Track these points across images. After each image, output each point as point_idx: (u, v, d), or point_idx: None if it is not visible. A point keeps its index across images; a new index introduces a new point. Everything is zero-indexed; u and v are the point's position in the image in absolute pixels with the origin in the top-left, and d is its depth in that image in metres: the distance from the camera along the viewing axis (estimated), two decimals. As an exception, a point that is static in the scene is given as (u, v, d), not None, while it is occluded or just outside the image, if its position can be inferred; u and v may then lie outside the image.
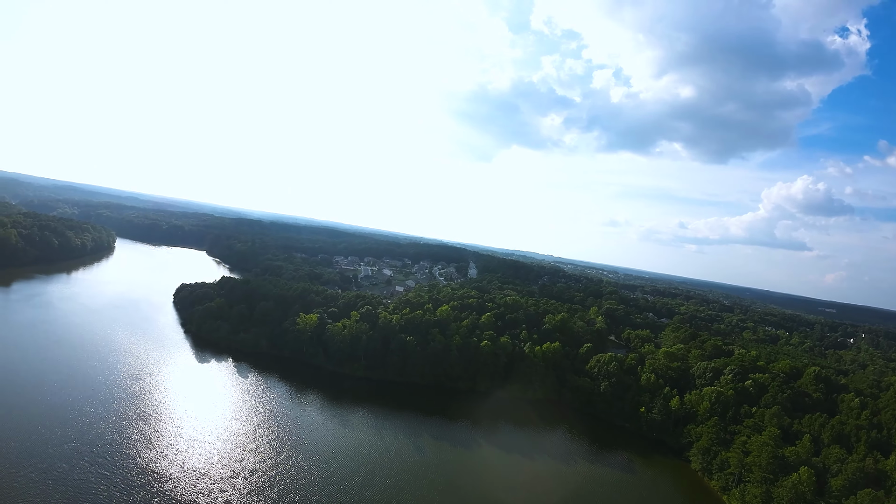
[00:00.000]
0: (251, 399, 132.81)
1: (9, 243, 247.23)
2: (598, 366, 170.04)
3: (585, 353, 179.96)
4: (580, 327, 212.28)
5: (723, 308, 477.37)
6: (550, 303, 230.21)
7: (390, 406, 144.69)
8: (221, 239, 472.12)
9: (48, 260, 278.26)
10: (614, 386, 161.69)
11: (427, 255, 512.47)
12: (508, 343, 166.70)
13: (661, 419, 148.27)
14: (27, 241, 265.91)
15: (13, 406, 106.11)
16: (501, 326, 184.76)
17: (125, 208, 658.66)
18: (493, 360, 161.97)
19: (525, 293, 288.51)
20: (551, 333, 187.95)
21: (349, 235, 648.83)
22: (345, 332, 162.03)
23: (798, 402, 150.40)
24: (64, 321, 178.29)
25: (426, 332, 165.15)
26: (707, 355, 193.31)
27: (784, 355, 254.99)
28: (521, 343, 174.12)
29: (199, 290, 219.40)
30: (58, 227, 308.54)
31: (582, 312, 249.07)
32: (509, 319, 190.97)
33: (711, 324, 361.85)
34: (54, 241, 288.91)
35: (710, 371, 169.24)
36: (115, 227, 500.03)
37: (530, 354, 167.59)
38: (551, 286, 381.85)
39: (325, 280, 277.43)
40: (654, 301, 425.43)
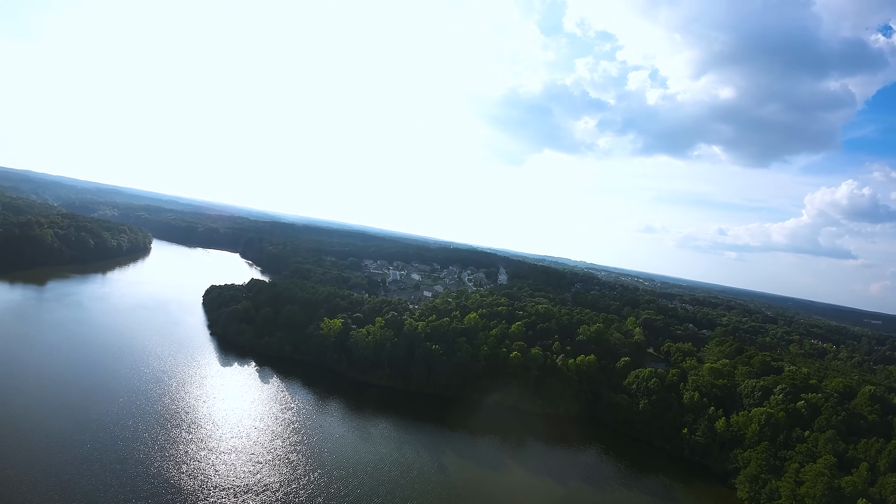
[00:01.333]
0: (271, 406, 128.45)
1: (44, 243, 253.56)
2: (637, 382, 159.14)
3: (623, 368, 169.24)
4: (617, 339, 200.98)
5: (766, 319, 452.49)
6: (585, 312, 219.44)
7: (413, 418, 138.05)
8: (254, 242, 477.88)
9: (84, 260, 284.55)
10: (654, 404, 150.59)
11: (456, 259, 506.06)
12: (540, 355, 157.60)
13: (704, 442, 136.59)
14: (63, 241, 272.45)
15: (32, 405, 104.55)
16: (532, 337, 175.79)
17: (164, 211, 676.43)
18: (522, 372, 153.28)
19: (557, 301, 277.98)
20: (586, 345, 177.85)
21: (379, 239, 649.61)
22: (369, 339, 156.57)
23: (853, 424, 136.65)
24: (93, 321, 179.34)
25: (453, 341, 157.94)
26: (755, 372, 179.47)
27: (834, 371, 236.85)
28: (554, 355, 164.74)
29: (227, 293, 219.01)
30: (94, 228, 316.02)
31: (618, 323, 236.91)
32: (541, 329, 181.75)
33: (755, 336, 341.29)
34: (90, 241, 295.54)
35: (758, 390, 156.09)
36: (152, 229, 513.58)
37: (563, 367, 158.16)
38: (585, 294, 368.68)
39: (353, 284, 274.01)
40: (693, 311, 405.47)
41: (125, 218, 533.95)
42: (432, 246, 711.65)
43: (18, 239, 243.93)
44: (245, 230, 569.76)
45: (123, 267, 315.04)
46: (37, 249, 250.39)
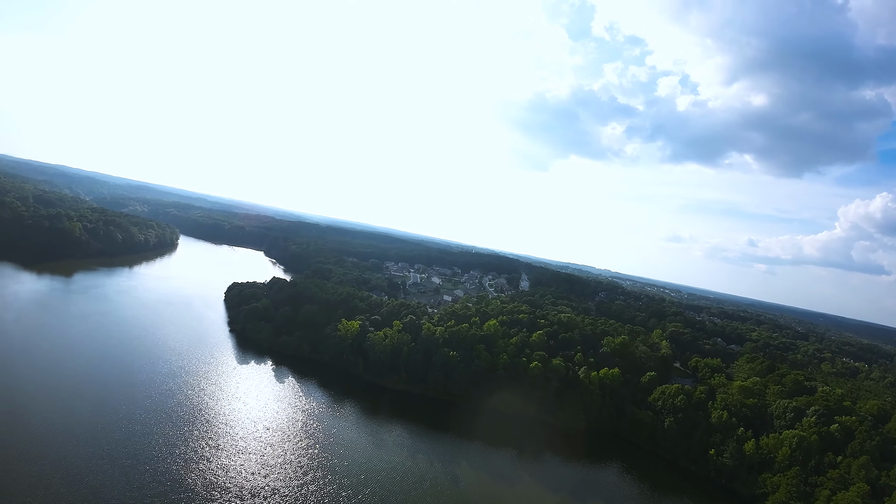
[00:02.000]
0: (285, 407, 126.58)
1: (73, 236, 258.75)
2: (663, 398, 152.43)
3: (648, 383, 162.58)
4: (643, 352, 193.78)
5: (797, 335, 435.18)
6: (609, 323, 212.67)
7: (428, 425, 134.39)
8: (279, 241, 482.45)
9: (111, 253, 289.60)
10: (680, 422, 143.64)
11: (478, 264, 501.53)
12: (561, 366, 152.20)
13: (732, 464, 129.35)
14: (92, 234, 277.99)
15: (46, 396, 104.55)
16: (554, 347, 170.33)
17: (192, 208, 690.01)
18: (543, 383, 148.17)
19: (580, 310, 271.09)
20: (610, 358, 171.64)
21: (401, 241, 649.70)
22: (386, 342, 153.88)
23: (886, 449, 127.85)
24: (116, 314, 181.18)
25: (471, 348, 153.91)
26: (787, 392, 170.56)
27: (867, 392, 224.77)
28: (576, 367, 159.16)
29: (248, 290, 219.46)
30: (122, 223, 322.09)
31: (644, 336, 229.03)
32: (563, 339, 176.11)
33: (786, 353, 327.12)
34: (118, 235, 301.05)
35: (790, 411, 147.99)
36: (180, 225, 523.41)
37: (585, 380, 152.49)
38: (609, 304, 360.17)
39: (373, 286, 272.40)
40: (722, 325, 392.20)
41: (154, 214, 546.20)
42: (454, 249, 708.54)
43: (47, 231, 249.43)
44: (270, 229, 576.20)
45: (150, 261, 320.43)
46: (65, 241, 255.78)
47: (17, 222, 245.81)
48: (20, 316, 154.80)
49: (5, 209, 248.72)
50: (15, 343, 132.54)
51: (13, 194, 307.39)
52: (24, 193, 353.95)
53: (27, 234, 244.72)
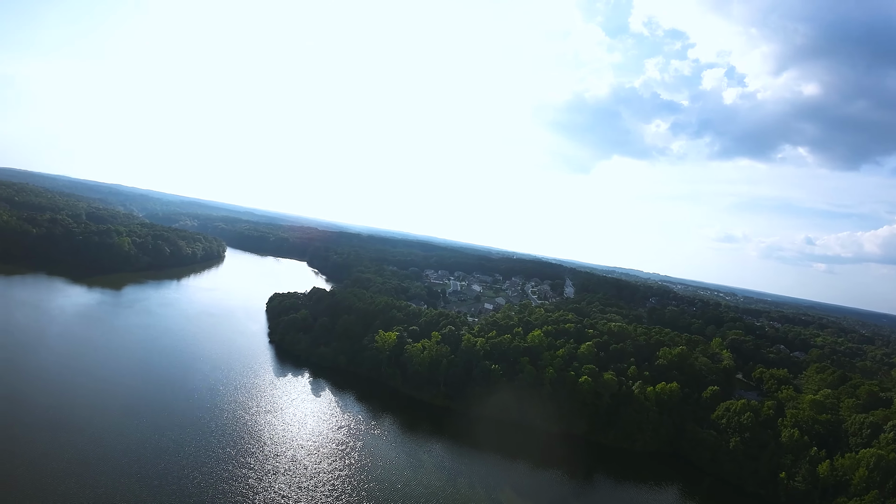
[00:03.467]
0: (321, 423, 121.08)
1: (122, 250, 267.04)
2: (728, 415, 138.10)
3: (710, 398, 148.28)
4: (703, 364, 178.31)
5: (862, 339, 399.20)
6: (664, 332, 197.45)
7: (469, 443, 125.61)
8: (321, 251, 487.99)
9: (159, 266, 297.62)
10: (747, 442, 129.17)
11: (519, 270, 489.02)
12: (613, 380, 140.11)
13: (805, 488, 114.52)
14: (140, 248, 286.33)
15: (79, 410, 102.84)
16: (604, 359, 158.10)
17: (240, 222, 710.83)
18: (593, 399, 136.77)
19: (631, 318, 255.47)
20: (667, 371, 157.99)
21: (441, 249, 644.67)
22: (424, 354, 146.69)
23: None
24: (158, 326, 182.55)
25: (514, 361, 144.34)
26: (862, 405, 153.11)
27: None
28: (629, 381, 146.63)
29: (288, 301, 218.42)
30: (170, 237, 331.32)
31: (703, 345, 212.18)
32: (614, 351, 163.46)
33: (853, 359, 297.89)
34: (166, 249, 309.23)
35: (867, 427, 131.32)
36: (228, 238, 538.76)
37: (640, 396, 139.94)
38: (661, 310, 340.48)
39: (412, 294, 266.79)
40: (784, 330, 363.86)
41: (203, 228, 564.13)
42: (494, 256, 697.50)
43: (97, 246, 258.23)
44: (313, 240, 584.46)
45: (197, 274, 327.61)
46: (114, 256, 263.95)
47: (69, 238, 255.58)
48: (65, 329, 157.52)
49: (57, 226, 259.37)
50: (57, 356, 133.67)
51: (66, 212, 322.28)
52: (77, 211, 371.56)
53: (78, 249, 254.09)
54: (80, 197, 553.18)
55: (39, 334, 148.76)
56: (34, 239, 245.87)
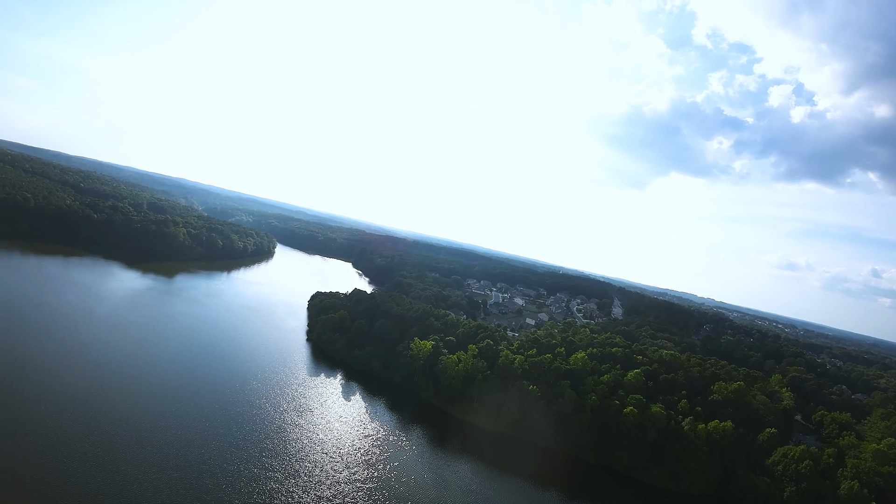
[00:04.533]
0: (349, 429, 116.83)
1: (176, 240, 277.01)
2: (785, 462, 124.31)
3: (767, 441, 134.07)
4: (761, 402, 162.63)
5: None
6: (721, 364, 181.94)
7: (499, 467, 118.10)
8: (366, 253, 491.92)
9: (211, 258, 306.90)
10: (804, 493, 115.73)
11: (565, 286, 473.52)
12: (662, 414, 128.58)
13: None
14: (195, 239, 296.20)
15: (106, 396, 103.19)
16: (653, 390, 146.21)
17: (292, 220, 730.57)
18: (638, 432, 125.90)
19: (684, 346, 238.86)
20: (721, 407, 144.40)
21: (484, 259, 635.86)
22: (458, 367, 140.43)
23: None
24: (201, 316, 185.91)
25: (554, 383, 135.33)
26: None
27: None
28: (679, 416, 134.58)
29: (329, 300, 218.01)
30: (224, 230, 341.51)
31: (762, 382, 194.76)
32: (664, 381, 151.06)
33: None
34: (219, 241, 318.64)
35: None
36: (279, 235, 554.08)
37: (690, 433, 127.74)
38: (716, 339, 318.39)
39: (452, 303, 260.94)
40: (846, 369, 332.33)
41: (258, 224, 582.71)
42: (539, 269, 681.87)
43: (154, 234, 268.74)
44: (360, 241, 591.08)
45: (246, 267, 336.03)
46: (170, 245, 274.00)
47: (128, 225, 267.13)
48: (111, 311, 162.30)
49: (117, 213, 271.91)
50: (98, 336, 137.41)
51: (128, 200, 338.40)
52: (139, 200, 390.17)
53: (136, 236, 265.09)
54: (144, 187, 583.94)
55: (86, 314, 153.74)
56: (95, 224, 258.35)
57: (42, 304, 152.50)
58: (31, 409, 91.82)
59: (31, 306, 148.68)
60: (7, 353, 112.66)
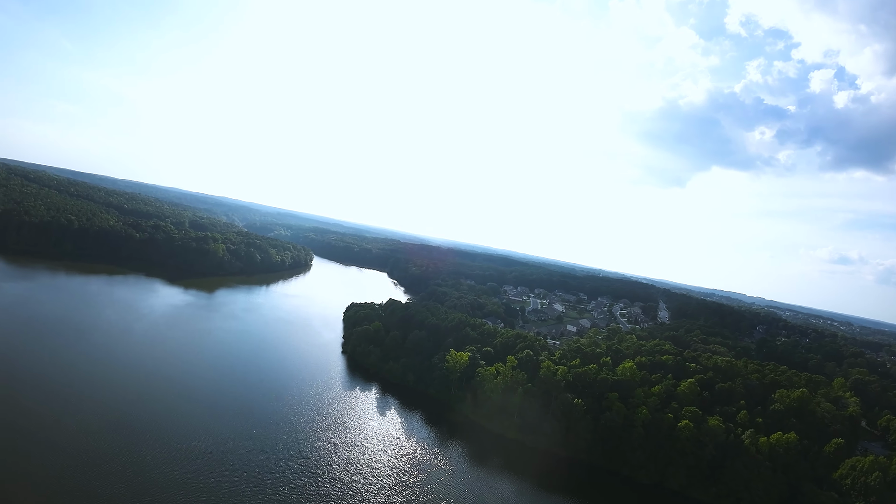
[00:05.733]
0: (384, 446, 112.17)
1: (216, 256, 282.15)
2: (853, 475, 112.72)
3: (833, 453, 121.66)
4: (825, 410, 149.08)
5: None
6: (780, 370, 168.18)
7: (542, 486, 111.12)
8: (401, 262, 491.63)
9: (250, 272, 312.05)
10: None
11: (606, 290, 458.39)
12: (720, 427, 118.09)
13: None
14: (234, 255, 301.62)
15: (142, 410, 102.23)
16: (709, 400, 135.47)
17: (328, 233, 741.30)
18: (694, 448, 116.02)
19: (738, 350, 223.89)
20: (783, 417, 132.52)
21: (521, 264, 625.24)
22: (497, 380, 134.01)
23: None
24: (239, 330, 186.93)
25: (601, 396, 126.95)
26: None
27: None
28: (739, 429, 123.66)
29: (363, 311, 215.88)
30: (262, 245, 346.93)
31: (825, 387, 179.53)
32: (720, 391, 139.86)
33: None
34: (257, 256, 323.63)
35: None
36: (316, 247, 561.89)
37: (751, 447, 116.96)
38: (772, 342, 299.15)
39: (488, 311, 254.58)
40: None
41: (295, 237, 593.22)
42: (578, 273, 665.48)
43: (195, 251, 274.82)
44: (395, 251, 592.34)
45: (284, 280, 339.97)
46: (209, 261, 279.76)
47: (169, 243, 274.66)
48: (149, 328, 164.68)
49: (159, 231, 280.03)
50: (135, 353, 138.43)
51: (171, 219, 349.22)
52: (181, 219, 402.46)
53: (177, 253, 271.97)
54: (186, 206, 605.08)
55: (124, 332, 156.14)
56: (137, 243, 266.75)
57: (82, 323, 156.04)
58: (63, 428, 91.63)
59: (71, 325, 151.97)
60: (42, 372, 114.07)
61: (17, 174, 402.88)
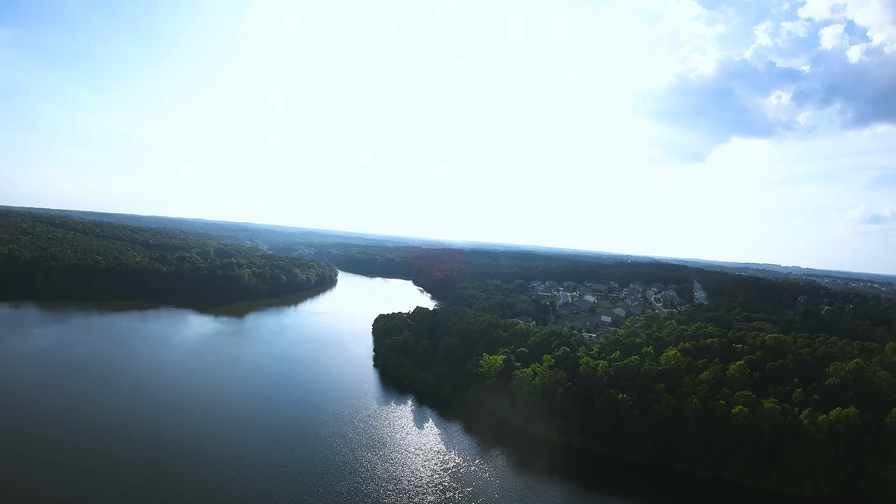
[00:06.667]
0: (424, 461, 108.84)
1: (242, 281, 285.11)
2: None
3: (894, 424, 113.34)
4: (882, 378, 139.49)
5: None
6: (831, 340, 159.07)
7: (594, 488, 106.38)
8: (424, 269, 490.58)
9: (277, 293, 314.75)
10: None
11: (637, 275, 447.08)
12: (776, 409, 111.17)
13: None
14: (259, 278, 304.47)
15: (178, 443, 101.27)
16: (760, 381, 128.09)
17: (350, 246, 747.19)
18: (750, 434, 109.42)
19: (783, 325, 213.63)
20: (839, 392, 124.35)
21: (546, 259, 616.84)
22: (535, 381, 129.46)
23: None
24: (269, 354, 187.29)
25: (646, 388, 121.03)
26: None
27: None
28: (795, 409, 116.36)
29: (392, 322, 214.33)
30: (286, 266, 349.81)
31: (879, 354, 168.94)
32: (771, 370, 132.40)
33: None
34: (282, 277, 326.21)
35: None
36: (340, 262, 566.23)
37: (810, 427, 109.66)
38: (816, 311, 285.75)
39: (518, 310, 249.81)
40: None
41: (319, 255, 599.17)
42: (606, 261, 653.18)
43: (221, 278, 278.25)
44: (417, 258, 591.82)
45: (311, 298, 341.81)
46: (236, 286, 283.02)
47: (195, 273, 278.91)
48: (182, 359, 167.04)
49: (185, 263, 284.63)
50: (168, 386, 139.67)
51: (196, 250, 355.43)
52: (206, 248, 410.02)
53: (204, 282, 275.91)
54: (211, 235, 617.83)
55: (157, 365, 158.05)
56: (165, 276, 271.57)
57: (115, 360, 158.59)
58: (97, 464, 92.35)
59: (104, 364, 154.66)
60: (76, 410, 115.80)
61: (42, 221, 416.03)
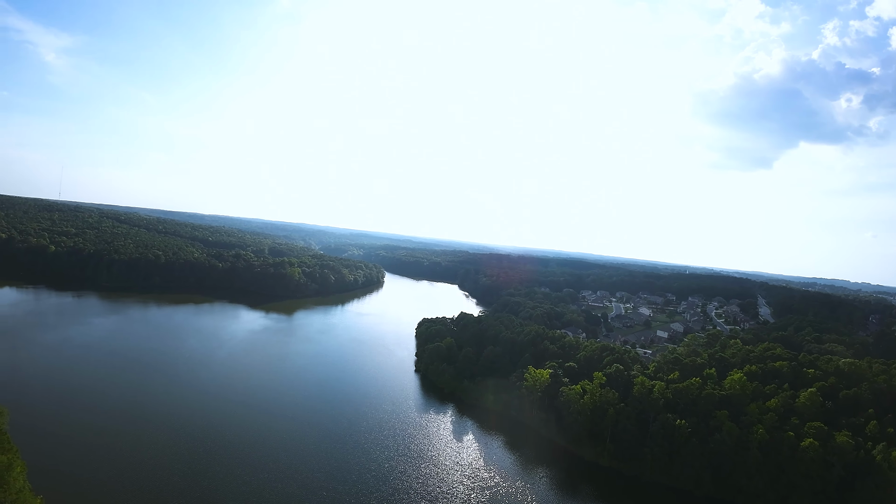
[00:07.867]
0: (462, 478, 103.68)
1: (293, 280, 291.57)
2: None
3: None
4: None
5: None
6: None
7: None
8: (471, 273, 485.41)
9: (325, 293, 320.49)
10: None
11: (696, 288, 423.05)
12: (849, 444, 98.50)
13: None
14: (309, 277, 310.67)
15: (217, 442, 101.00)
16: (833, 411, 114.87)
17: (398, 249, 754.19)
18: (819, 469, 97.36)
19: (856, 347, 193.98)
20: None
21: (598, 267, 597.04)
22: (584, 400, 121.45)
23: None
24: (313, 353, 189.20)
25: (708, 414, 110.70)
26: None
27: None
28: (868, 443, 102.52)
29: (435, 327, 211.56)
30: (335, 266, 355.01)
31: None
32: (845, 399, 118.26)
33: None
34: (331, 277, 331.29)
35: None
36: (387, 264, 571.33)
37: (883, 464, 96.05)
38: (891, 333, 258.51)
39: (567, 321, 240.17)
40: None
41: (367, 256, 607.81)
42: (663, 272, 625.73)
43: (273, 276, 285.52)
44: (464, 262, 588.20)
45: (358, 299, 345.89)
46: (287, 285, 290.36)
47: (249, 270, 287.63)
48: (229, 355, 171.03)
49: (240, 260, 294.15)
50: (213, 382, 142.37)
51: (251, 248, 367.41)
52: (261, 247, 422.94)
53: (257, 279, 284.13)
54: (267, 235, 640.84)
55: (205, 359, 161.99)
56: (221, 272, 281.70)
57: (166, 353, 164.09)
58: (140, 450, 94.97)
59: (156, 353, 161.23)
60: (124, 398, 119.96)
61: (108, 217, 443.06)
